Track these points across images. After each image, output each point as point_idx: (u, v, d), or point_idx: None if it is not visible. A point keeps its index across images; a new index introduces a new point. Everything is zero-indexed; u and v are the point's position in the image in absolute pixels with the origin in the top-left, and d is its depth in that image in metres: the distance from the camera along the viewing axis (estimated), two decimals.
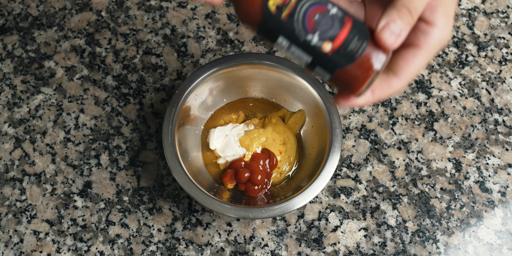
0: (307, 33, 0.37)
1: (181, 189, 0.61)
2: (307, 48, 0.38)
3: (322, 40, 0.37)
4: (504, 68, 0.68)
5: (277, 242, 0.60)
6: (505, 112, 0.66)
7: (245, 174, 0.58)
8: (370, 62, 0.38)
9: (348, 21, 0.38)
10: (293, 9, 0.37)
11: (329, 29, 0.37)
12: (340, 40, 0.37)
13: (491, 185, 0.62)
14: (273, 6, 0.37)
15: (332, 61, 0.38)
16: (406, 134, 0.64)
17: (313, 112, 0.61)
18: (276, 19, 0.37)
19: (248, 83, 0.62)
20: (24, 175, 0.62)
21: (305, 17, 0.37)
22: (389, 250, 0.59)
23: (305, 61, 0.39)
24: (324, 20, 0.37)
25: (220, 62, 0.59)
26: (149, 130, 0.64)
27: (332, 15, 0.37)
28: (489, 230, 0.61)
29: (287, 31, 0.37)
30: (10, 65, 0.66)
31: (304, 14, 0.37)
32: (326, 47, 0.37)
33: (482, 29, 0.70)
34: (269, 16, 0.37)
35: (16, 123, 0.64)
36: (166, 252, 0.59)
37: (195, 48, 0.67)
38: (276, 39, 0.38)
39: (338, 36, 0.37)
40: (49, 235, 0.59)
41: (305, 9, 0.37)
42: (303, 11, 0.37)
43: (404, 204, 0.61)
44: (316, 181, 0.55)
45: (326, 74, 0.39)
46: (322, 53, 0.37)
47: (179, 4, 0.69)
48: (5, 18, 0.68)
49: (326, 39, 0.37)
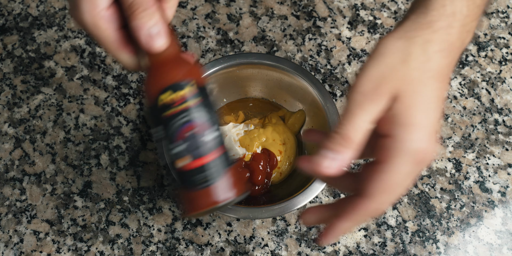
0: (172, 141, 0.38)
1: None
2: (168, 153, 0.39)
3: (178, 156, 0.38)
4: (504, 68, 0.68)
5: (277, 242, 0.60)
6: (505, 112, 0.66)
7: (245, 174, 0.58)
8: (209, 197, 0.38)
9: (212, 155, 0.38)
10: (175, 114, 0.38)
11: (191, 150, 0.38)
12: (192, 166, 0.38)
13: (491, 185, 0.62)
14: (161, 101, 0.38)
15: (178, 175, 0.39)
16: None
17: (313, 112, 0.61)
18: (158, 112, 0.38)
19: (248, 83, 0.62)
20: (24, 175, 0.62)
21: (180, 128, 0.38)
22: (389, 250, 0.59)
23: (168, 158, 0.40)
24: (192, 141, 0.38)
25: (220, 62, 0.59)
26: (149, 130, 0.64)
27: (203, 141, 0.38)
28: (489, 230, 0.61)
29: (162, 127, 0.39)
30: (10, 65, 0.66)
31: (181, 125, 0.38)
32: (179, 163, 0.38)
33: (482, 29, 0.70)
34: (155, 107, 0.39)
35: (16, 123, 0.64)
36: (166, 252, 0.59)
37: (195, 48, 0.67)
38: (156, 126, 0.39)
39: (192, 162, 0.38)
40: (49, 235, 0.59)
41: (184, 121, 0.38)
42: (182, 121, 0.38)
43: (404, 204, 0.61)
44: (316, 181, 0.55)
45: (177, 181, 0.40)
46: (174, 165, 0.39)
47: (179, 4, 0.69)
48: (5, 18, 0.68)
49: (182, 156, 0.38)
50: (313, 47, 0.68)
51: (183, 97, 0.38)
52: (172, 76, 0.39)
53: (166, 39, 0.38)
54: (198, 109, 0.38)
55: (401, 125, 0.36)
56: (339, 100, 0.66)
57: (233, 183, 0.39)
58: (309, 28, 0.69)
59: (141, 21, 0.38)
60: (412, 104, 0.36)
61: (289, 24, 0.69)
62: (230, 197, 0.39)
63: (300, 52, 0.67)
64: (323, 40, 0.68)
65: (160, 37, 0.38)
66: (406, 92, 0.36)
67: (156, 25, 0.38)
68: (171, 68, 0.39)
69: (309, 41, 0.68)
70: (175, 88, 0.38)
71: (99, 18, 0.39)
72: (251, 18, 0.69)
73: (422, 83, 0.36)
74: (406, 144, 0.35)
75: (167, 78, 0.38)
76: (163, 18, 0.39)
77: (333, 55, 0.67)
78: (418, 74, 0.36)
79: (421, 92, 0.36)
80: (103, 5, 0.39)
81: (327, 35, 0.68)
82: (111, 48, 0.40)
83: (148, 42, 0.38)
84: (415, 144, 0.35)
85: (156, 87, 0.39)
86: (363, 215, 0.37)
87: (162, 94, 0.38)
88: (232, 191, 0.39)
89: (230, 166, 0.39)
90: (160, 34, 0.38)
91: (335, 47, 0.68)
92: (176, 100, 0.38)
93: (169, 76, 0.39)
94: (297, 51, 0.67)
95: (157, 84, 0.39)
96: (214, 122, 0.39)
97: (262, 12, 0.69)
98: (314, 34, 0.68)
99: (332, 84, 0.66)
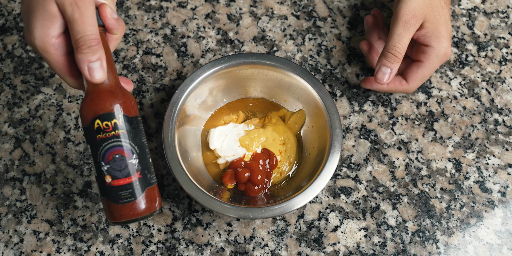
0: (102, 160, 0.46)
1: (181, 189, 0.61)
2: (98, 167, 0.46)
3: (108, 173, 0.46)
4: (504, 68, 0.68)
5: (277, 242, 0.60)
6: (505, 112, 0.66)
7: (245, 174, 0.58)
8: (130, 211, 0.46)
9: (133, 177, 0.46)
10: (107, 138, 0.45)
11: (117, 170, 0.46)
12: (119, 183, 0.46)
13: (491, 185, 0.62)
14: (96, 125, 0.45)
15: (104, 189, 0.46)
16: (406, 134, 0.64)
17: (313, 112, 0.61)
18: (92, 133, 0.46)
19: (248, 83, 0.62)
20: (24, 175, 0.62)
21: (109, 151, 0.45)
22: (389, 250, 0.59)
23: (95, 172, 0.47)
24: (119, 162, 0.46)
25: (220, 62, 0.59)
26: (149, 130, 0.64)
27: (129, 164, 0.46)
28: (489, 230, 0.61)
29: (94, 147, 0.46)
30: (10, 65, 0.66)
31: (111, 148, 0.45)
32: (107, 178, 0.46)
33: (482, 29, 0.70)
34: (90, 128, 0.46)
35: (16, 123, 0.64)
36: (166, 252, 0.59)
37: (195, 48, 0.67)
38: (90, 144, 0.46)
39: (118, 179, 0.46)
40: (49, 235, 0.59)
41: (113, 145, 0.45)
42: (111, 146, 0.45)
43: (404, 204, 0.61)
44: (316, 181, 0.55)
45: (99, 191, 0.48)
46: (103, 179, 0.46)
47: (179, 4, 0.69)
48: (5, 18, 0.68)
49: (110, 174, 0.46)
50: (313, 47, 0.68)
51: (114, 125, 0.45)
52: (106, 106, 0.45)
53: (104, 74, 0.45)
54: (125, 137, 0.46)
55: (435, 38, 0.58)
56: (339, 100, 0.66)
57: (151, 201, 0.47)
58: (309, 28, 0.69)
59: (85, 56, 0.44)
60: (438, 23, 0.58)
61: (289, 24, 0.69)
62: (146, 212, 0.47)
63: (300, 52, 0.67)
64: (323, 40, 0.68)
65: (100, 71, 0.45)
66: (432, 16, 0.58)
67: (97, 61, 0.44)
68: (106, 98, 0.45)
69: (309, 41, 0.68)
70: (109, 117, 0.45)
71: (49, 45, 0.45)
72: (251, 18, 0.69)
73: (440, 8, 0.59)
74: (439, 50, 0.58)
75: (102, 106, 0.45)
76: (105, 53, 0.45)
77: (333, 55, 0.67)
78: (437, 3, 0.58)
79: (441, 15, 0.58)
80: (54, 34, 0.45)
81: (327, 35, 0.68)
82: (57, 70, 0.47)
83: (89, 74, 0.45)
84: (443, 50, 0.58)
85: (92, 112, 0.45)
86: (400, 90, 0.62)
87: (97, 119, 0.45)
88: (149, 207, 0.47)
89: (150, 186, 0.47)
90: (99, 69, 0.45)
91: (335, 47, 0.68)
92: (109, 126, 0.45)
93: (105, 105, 0.45)
94: (297, 51, 0.67)
95: (93, 109, 0.45)
96: (135, 151, 0.46)
97: (262, 12, 0.69)
98: (314, 34, 0.68)
99: (332, 84, 0.66)
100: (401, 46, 0.57)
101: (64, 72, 0.47)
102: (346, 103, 0.65)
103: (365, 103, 0.65)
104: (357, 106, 0.65)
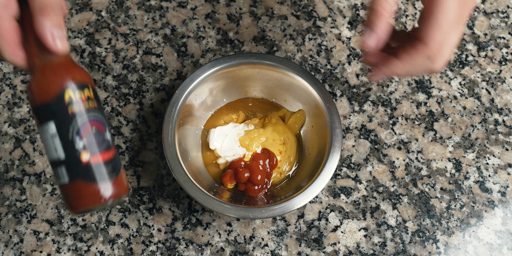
0: (79, 135, 0.39)
1: (181, 189, 0.61)
2: (69, 147, 0.39)
3: (86, 148, 0.40)
4: (504, 68, 0.68)
5: (277, 242, 0.60)
6: (505, 112, 0.66)
7: (245, 174, 0.58)
8: (116, 187, 0.40)
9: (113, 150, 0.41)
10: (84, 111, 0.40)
11: (98, 145, 0.40)
12: (100, 159, 0.40)
13: (491, 185, 0.62)
14: (68, 97, 0.39)
15: (80, 169, 0.40)
16: (406, 134, 0.64)
17: (313, 112, 0.61)
18: (62, 108, 0.39)
19: (248, 83, 0.62)
20: (24, 175, 0.62)
21: (86, 124, 0.40)
22: (389, 250, 0.59)
23: (55, 156, 0.40)
24: (98, 137, 0.40)
25: (220, 62, 0.59)
26: (149, 130, 0.64)
27: (107, 137, 0.41)
28: (489, 230, 0.61)
29: (62, 123, 0.39)
30: (10, 65, 0.66)
31: (88, 121, 0.40)
32: (84, 156, 0.39)
33: (482, 29, 0.70)
34: (59, 102, 0.39)
35: (16, 123, 0.64)
36: (166, 252, 0.59)
37: (195, 48, 0.67)
38: (47, 122, 0.40)
39: (100, 154, 0.40)
40: (49, 235, 0.59)
41: (91, 118, 0.40)
42: (88, 118, 0.40)
43: (404, 204, 0.61)
44: (316, 181, 0.55)
45: (64, 178, 0.40)
46: (77, 159, 0.39)
47: (179, 4, 0.69)
48: None
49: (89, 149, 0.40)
50: (313, 47, 0.68)
51: (90, 96, 0.41)
52: (76, 76, 0.40)
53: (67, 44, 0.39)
54: (100, 109, 0.41)
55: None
56: (339, 100, 0.66)
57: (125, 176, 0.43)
58: (309, 28, 0.69)
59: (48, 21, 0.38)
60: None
61: (289, 24, 0.69)
62: (127, 189, 0.42)
63: (300, 52, 0.67)
64: (323, 40, 0.68)
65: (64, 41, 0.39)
66: None
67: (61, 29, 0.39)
68: (73, 68, 0.41)
69: (309, 41, 0.68)
70: (80, 87, 0.40)
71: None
72: (251, 18, 0.69)
73: None
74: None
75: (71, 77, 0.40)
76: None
77: (333, 55, 0.67)
78: None
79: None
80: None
81: (327, 35, 0.68)
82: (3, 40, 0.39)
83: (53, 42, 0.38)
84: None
85: (59, 84, 0.39)
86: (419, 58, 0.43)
87: (67, 90, 0.39)
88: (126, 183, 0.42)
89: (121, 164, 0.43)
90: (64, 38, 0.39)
91: (335, 47, 0.68)
92: (84, 98, 0.40)
93: (74, 75, 0.40)
94: (297, 51, 0.67)
95: (60, 81, 0.40)
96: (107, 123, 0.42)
97: (262, 12, 0.69)
98: (314, 34, 0.68)
99: (332, 84, 0.66)
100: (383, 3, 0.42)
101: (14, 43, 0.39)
102: (346, 103, 0.65)
103: (365, 103, 0.65)
104: (357, 106, 0.65)
